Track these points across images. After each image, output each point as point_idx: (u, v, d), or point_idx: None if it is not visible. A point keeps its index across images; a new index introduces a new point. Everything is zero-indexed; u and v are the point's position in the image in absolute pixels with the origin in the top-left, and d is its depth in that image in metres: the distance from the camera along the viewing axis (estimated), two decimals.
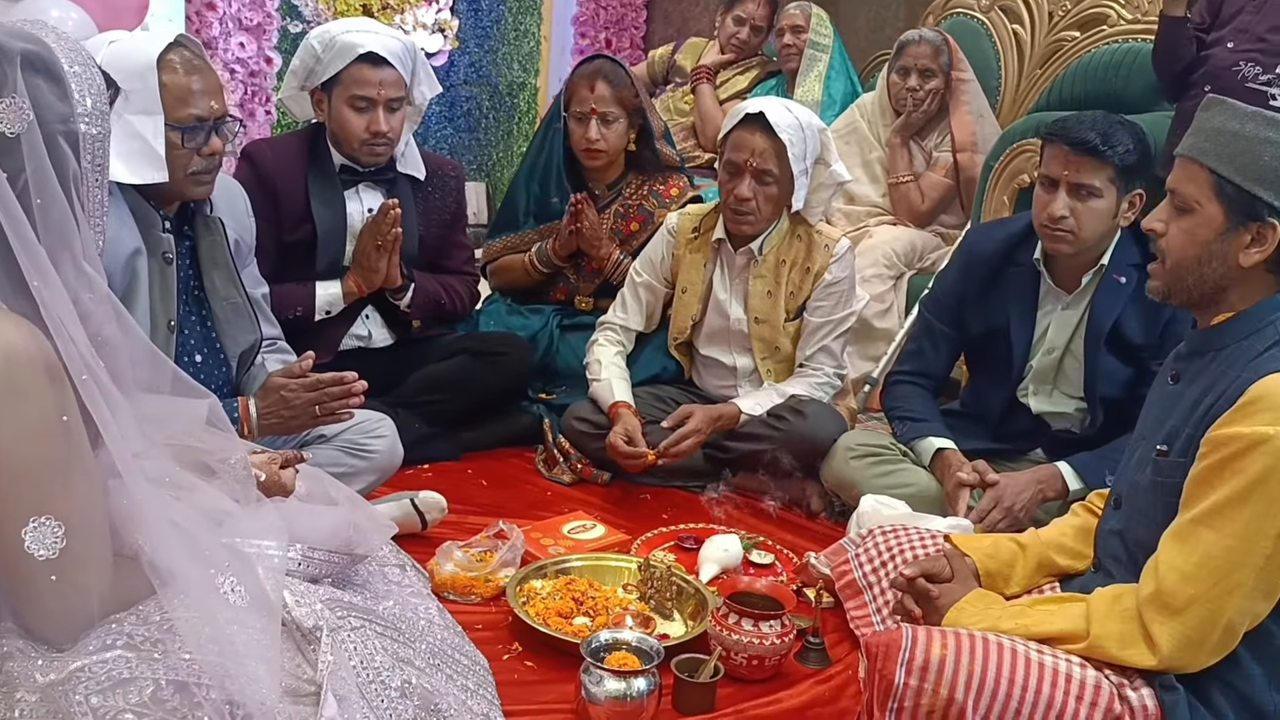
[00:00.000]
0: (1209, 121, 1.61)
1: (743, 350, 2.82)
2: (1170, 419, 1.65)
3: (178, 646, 1.21)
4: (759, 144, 2.61)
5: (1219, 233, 1.58)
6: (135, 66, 1.96)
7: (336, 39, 2.60)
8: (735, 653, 1.90)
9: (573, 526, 2.43)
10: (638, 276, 2.90)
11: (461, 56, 5.23)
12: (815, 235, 2.76)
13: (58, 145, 1.19)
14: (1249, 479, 1.46)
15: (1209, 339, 1.63)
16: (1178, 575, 1.51)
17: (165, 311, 2.10)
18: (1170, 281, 1.65)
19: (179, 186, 2.05)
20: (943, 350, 2.63)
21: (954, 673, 1.51)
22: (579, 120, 3.01)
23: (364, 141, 2.64)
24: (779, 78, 4.25)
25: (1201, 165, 1.59)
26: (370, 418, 2.38)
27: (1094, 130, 2.26)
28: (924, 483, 2.46)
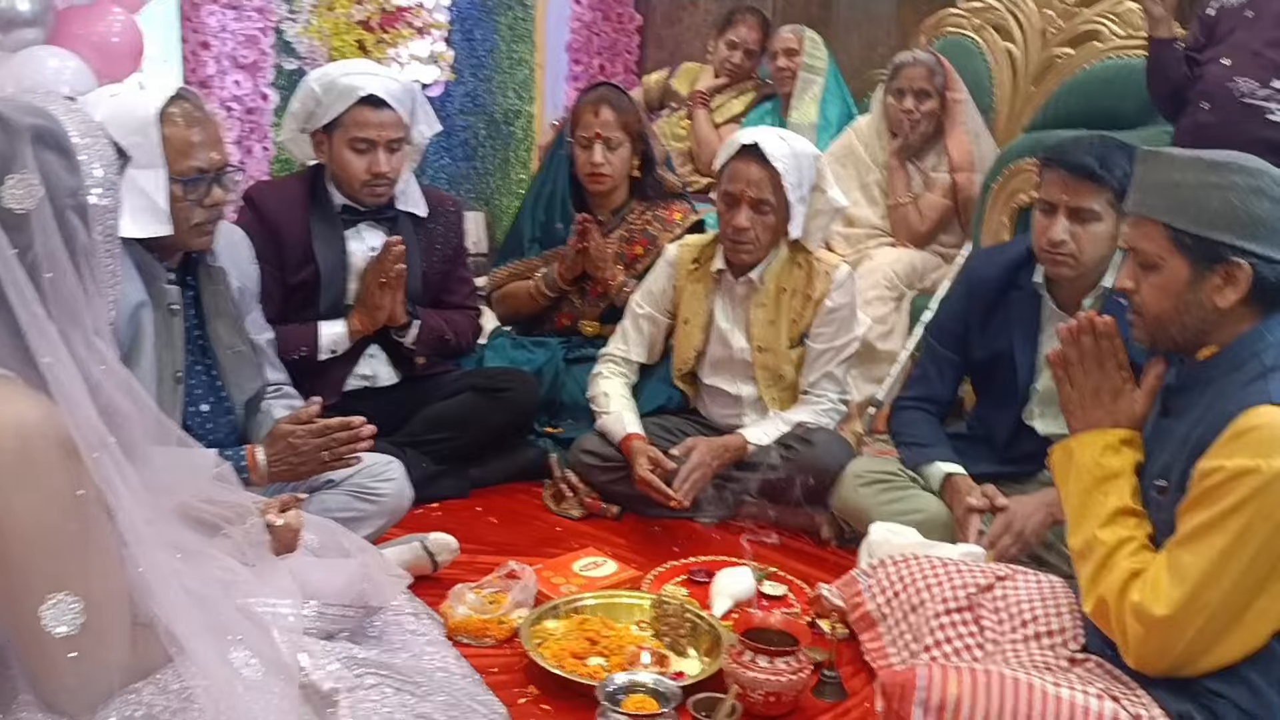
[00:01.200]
0: (1150, 176, 1.62)
1: (747, 379, 2.83)
2: (1164, 453, 1.67)
3: (195, 718, 1.20)
4: (754, 174, 2.62)
5: (1188, 283, 1.59)
6: (136, 121, 1.97)
7: (337, 82, 2.61)
8: (752, 690, 1.90)
9: (584, 564, 2.43)
10: (639, 308, 2.91)
11: (457, 87, 5.23)
12: (815, 262, 2.76)
13: (67, 218, 1.19)
14: (1226, 507, 1.48)
15: (1196, 373, 1.65)
16: (1157, 593, 1.54)
17: (172, 363, 2.11)
18: (1153, 333, 1.67)
19: (182, 238, 2.06)
20: (948, 375, 2.63)
21: (970, 711, 1.52)
22: (583, 146, 3.06)
23: (365, 183, 2.65)
24: (774, 100, 4.27)
25: (1155, 222, 1.61)
26: (378, 461, 2.38)
27: (1091, 154, 2.27)
28: (933, 509, 2.46)
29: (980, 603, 1.98)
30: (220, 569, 1.35)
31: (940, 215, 3.67)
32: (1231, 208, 1.54)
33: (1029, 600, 1.95)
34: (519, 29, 5.47)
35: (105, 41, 3.18)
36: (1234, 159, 1.58)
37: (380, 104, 2.62)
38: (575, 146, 3.09)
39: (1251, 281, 1.56)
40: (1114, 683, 1.66)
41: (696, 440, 2.70)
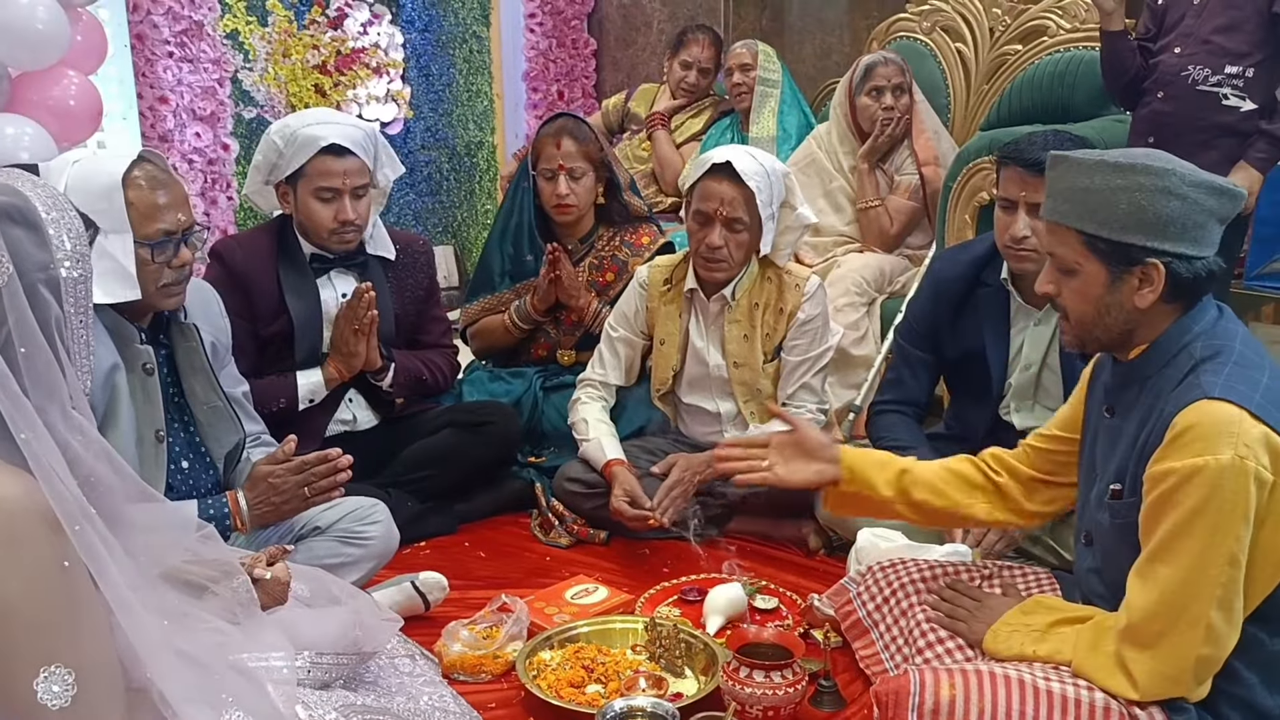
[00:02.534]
0: (1059, 182, 1.64)
1: (725, 395, 2.84)
2: (1115, 455, 1.69)
3: None
4: (727, 193, 2.63)
5: (1106, 286, 1.61)
6: (100, 188, 1.97)
7: (298, 133, 2.61)
8: (750, 705, 1.90)
9: (575, 591, 2.43)
10: (614, 331, 2.92)
11: (417, 123, 5.27)
12: (785, 276, 2.78)
13: (38, 294, 1.19)
14: (1189, 510, 1.49)
15: (1132, 372, 1.68)
16: (1142, 613, 1.54)
17: (152, 422, 2.10)
18: (1080, 335, 1.70)
19: (151, 300, 2.06)
20: (922, 376, 2.66)
21: (965, 713, 1.53)
22: (547, 178, 3.07)
23: (333, 231, 2.66)
24: (733, 116, 4.30)
25: (1068, 228, 1.63)
26: (363, 504, 2.38)
27: (1045, 150, 2.29)
28: None
29: None
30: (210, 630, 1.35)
31: (909, 217, 3.70)
32: (1140, 209, 1.55)
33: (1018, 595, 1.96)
34: (475, 61, 5.50)
35: (62, 105, 3.17)
36: (1139, 159, 1.58)
37: (343, 152, 2.62)
38: (539, 179, 3.10)
39: (1167, 280, 1.58)
40: None
41: (676, 457, 2.72)
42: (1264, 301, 3.42)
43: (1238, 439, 1.46)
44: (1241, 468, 1.45)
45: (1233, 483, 1.46)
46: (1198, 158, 2.92)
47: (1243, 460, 1.45)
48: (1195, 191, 1.55)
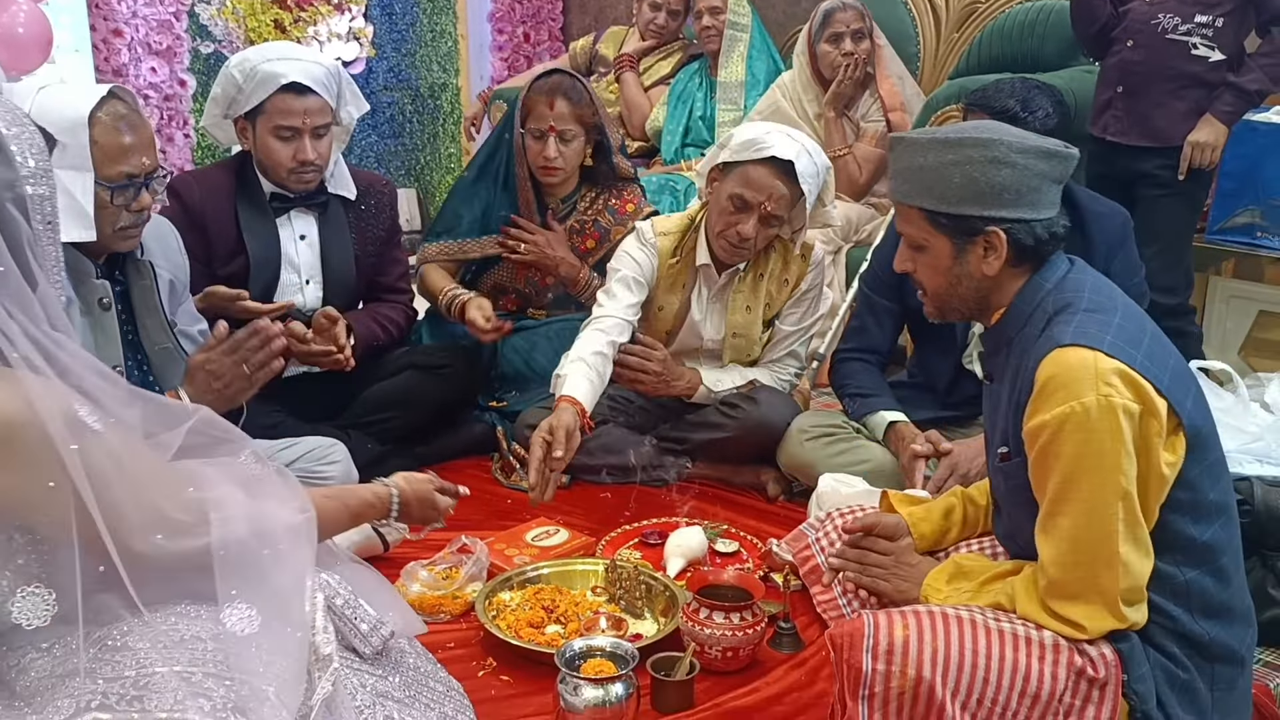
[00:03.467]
0: (898, 163, 1.70)
1: (713, 361, 2.81)
2: (999, 419, 1.73)
3: (155, 705, 1.19)
4: (779, 190, 2.51)
5: (954, 258, 1.67)
6: (65, 122, 1.90)
7: (258, 69, 2.53)
8: (709, 646, 1.91)
9: (536, 534, 2.43)
10: (626, 271, 2.69)
11: (380, 63, 5.17)
12: (789, 246, 2.72)
13: (7, 213, 1.17)
14: (1070, 458, 1.53)
15: (996, 336, 1.72)
16: (1057, 566, 1.57)
17: (108, 359, 2.05)
18: (940, 307, 1.76)
19: (106, 241, 2.00)
20: (886, 325, 2.65)
21: (919, 652, 1.54)
22: (536, 138, 2.92)
23: (291, 170, 2.59)
24: (702, 60, 4.25)
25: (911, 206, 1.68)
26: (321, 444, 2.35)
27: (1013, 98, 2.30)
28: (879, 458, 2.49)
29: None
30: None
31: (876, 164, 3.69)
32: (973, 181, 1.60)
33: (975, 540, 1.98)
34: (439, 1, 5.39)
35: (10, 33, 3.08)
36: (968, 133, 1.63)
37: (304, 90, 2.55)
38: (527, 136, 2.94)
39: (1010, 245, 1.63)
40: None
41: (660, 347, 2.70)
42: (1226, 256, 3.45)
43: (1096, 379, 1.50)
44: (1107, 405, 1.49)
45: (1103, 421, 1.50)
46: (1166, 108, 3.00)
47: (1106, 398, 1.49)
48: (1024, 158, 1.60)
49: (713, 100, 4.07)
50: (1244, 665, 1.65)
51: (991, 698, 1.54)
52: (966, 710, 1.54)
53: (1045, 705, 1.55)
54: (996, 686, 1.54)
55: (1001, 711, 1.55)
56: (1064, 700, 1.56)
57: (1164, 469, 1.53)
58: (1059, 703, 1.56)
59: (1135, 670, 1.55)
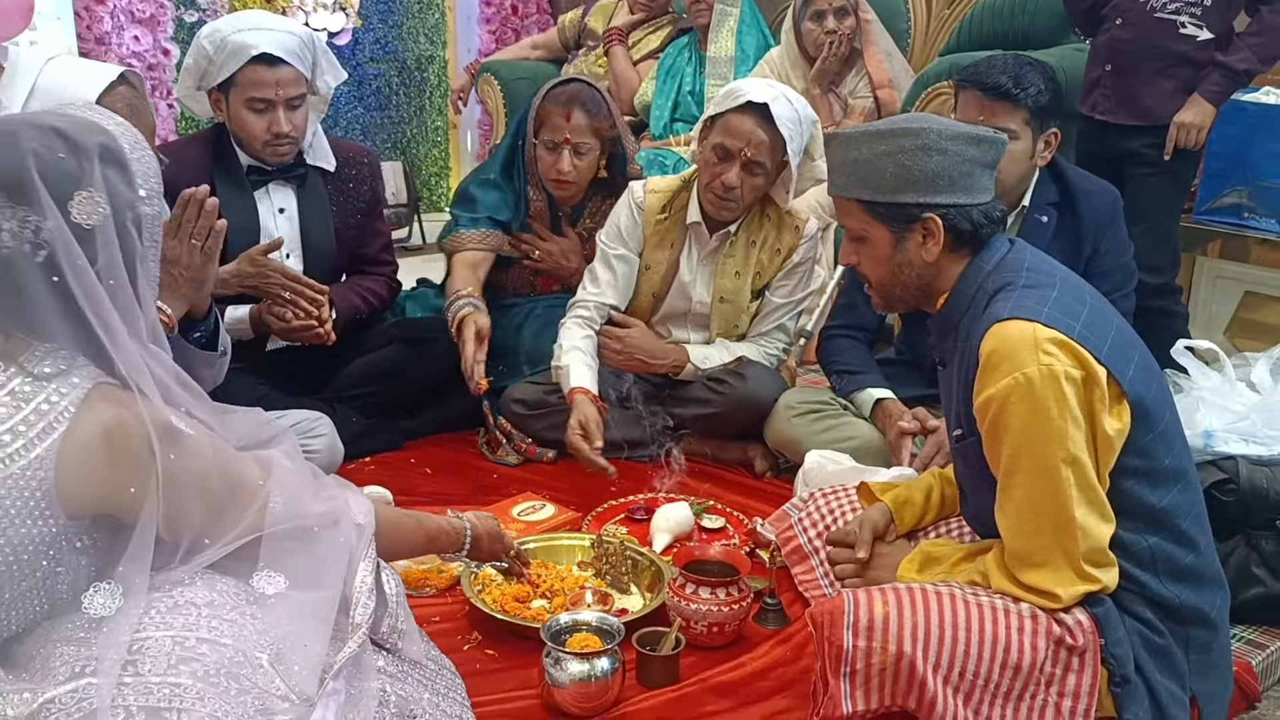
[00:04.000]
0: (834, 157, 1.74)
1: (700, 329, 2.80)
2: (951, 403, 1.75)
3: (148, 669, 1.19)
4: (758, 135, 2.51)
5: (893, 246, 1.70)
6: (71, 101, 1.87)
7: (228, 40, 2.48)
8: (695, 621, 1.91)
9: (522, 508, 2.42)
10: (610, 249, 2.74)
11: (366, 34, 5.12)
12: (785, 216, 2.70)
13: (127, 231, 1.26)
14: (1018, 430, 1.55)
15: (943, 321, 1.74)
16: (1018, 538, 1.59)
17: None
18: (885, 297, 1.79)
19: None
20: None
21: (899, 627, 1.55)
22: (550, 149, 2.82)
23: (266, 143, 2.56)
24: (691, 34, 4.21)
25: (849, 199, 1.71)
26: (306, 417, 2.35)
27: (1005, 74, 2.28)
28: (866, 435, 2.49)
29: None
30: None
31: None
32: (905, 169, 1.64)
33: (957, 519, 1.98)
34: None
35: None
36: (898, 124, 1.68)
37: (275, 61, 2.50)
38: (540, 146, 2.84)
39: (947, 230, 1.66)
40: None
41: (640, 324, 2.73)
42: (1213, 236, 3.45)
43: (1036, 349, 1.53)
44: (1049, 373, 1.52)
45: (1046, 389, 1.52)
46: (1154, 86, 2.99)
47: (1048, 366, 1.52)
48: (954, 144, 1.64)
49: (702, 75, 4.04)
50: (1217, 629, 1.67)
51: (973, 670, 1.55)
52: (949, 684, 1.55)
53: (1027, 675, 1.57)
54: (978, 659, 1.55)
55: (984, 684, 1.56)
56: (1045, 669, 1.57)
57: (1110, 434, 1.54)
58: (1040, 672, 1.57)
59: (1112, 634, 1.57)
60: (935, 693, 1.53)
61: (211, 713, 1.19)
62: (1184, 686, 1.62)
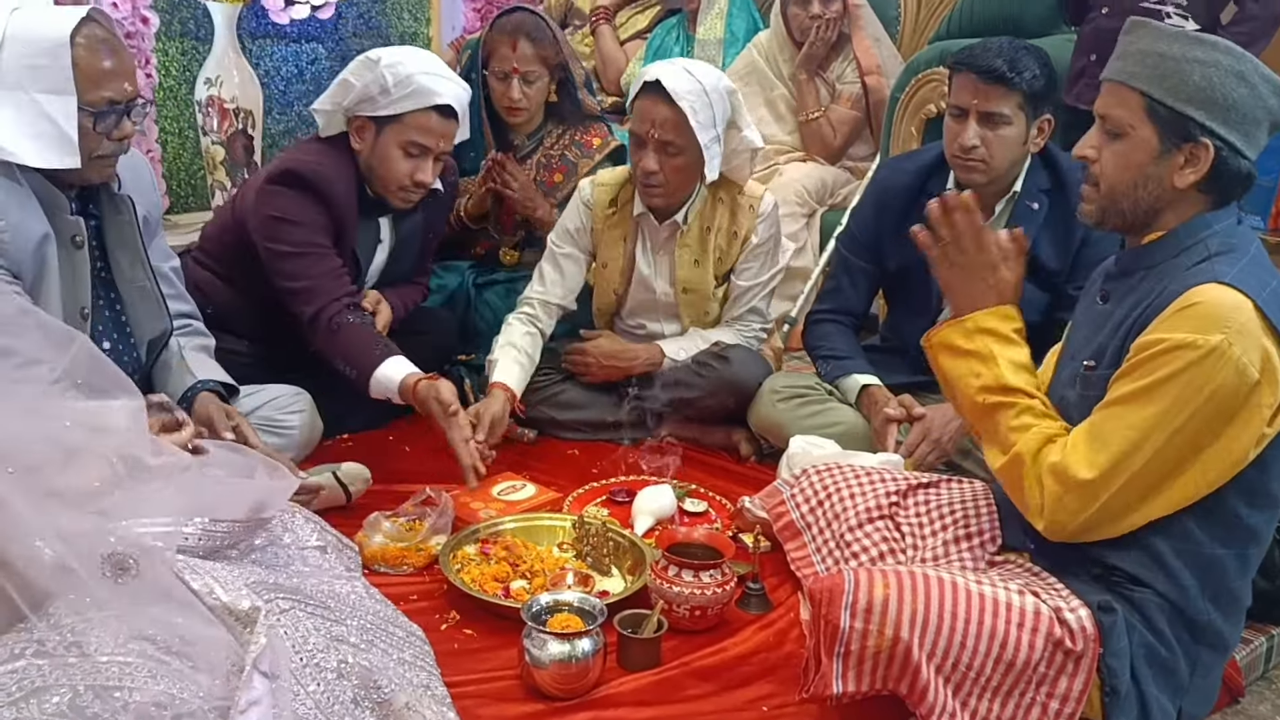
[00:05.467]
0: (1135, 44, 1.60)
1: (671, 318, 2.77)
2: (1097, 336, 1.67)
3: (94, 649, 1.14)
4: (660, 114, 2.46)
5: (1153, 156, 1.58)
6: (46, 42, 1.84)
7: (414, 78, 2.37)
8: (677, 605, 1.88)
9: (502, 488, 2.39)
10: (558, 248, 2.73)
11: (349, 8, 5.03)
12: (739, 196, 2.66)
13: None
14: (1160, 377, 1.50)
15: (1139, 257, 1.65)
16: (1078, 455, 1.55)
17: (77, 298, 2.00)
18: (1105, 206, 1.65)
19: (84, 171, 1.93)
20: (861, 286, 2.63)
21: (898, 612, 1.52)
22: (500, 79, 2.91)
23: (402, 187, 2.46)
24: (680, 16, 4.16)
25: (1132, 89, 1.59)
26: (285, 393, 2.31)
27: (1000, 58, 2.26)
28: (851, 420, 2.47)
29: (901, 509, 2.00)
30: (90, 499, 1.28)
31: (851, 127, 3.65)
32: (1211, 85, 1.53)
33: (949, 505, 1.97)
34: None
35: None
36: (1221, 42, 1.56)
37: (451, 115, 2.43)
38: (490, 77, 2.93)
39: (1212, 165, 1.56)
40: (1032, 579, 1.69)
41: (605, 334, 2.71)
42: None
43: (1232, 328, 1.47)
44: (1226, 354, 1.47)
45: (1211, 366, 1.47)
46: None
47: (1229, 347, 1.47)
48: (1265, 85, 1.54)
49: (690, 57, 4.00)
50: (1226, 655, 1.66)
51: (967, 663, 1.53)
52: (940, 673, 1.53)
53: (1019, 673, 1.55)
54: (973, 652, 1.53)
55: (975, 677, 1.54)
56: (1038, 670, 1.55)
57: (1248, 445, 1.50)
58: (1033, 671, 1.55)
59: (1113, 645, 1.55)
60: (927, 681, 1.51)
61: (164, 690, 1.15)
62: (1176, 703, 1.61)
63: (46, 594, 1.15)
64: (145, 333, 2.11)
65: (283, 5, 4.28)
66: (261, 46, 4.58)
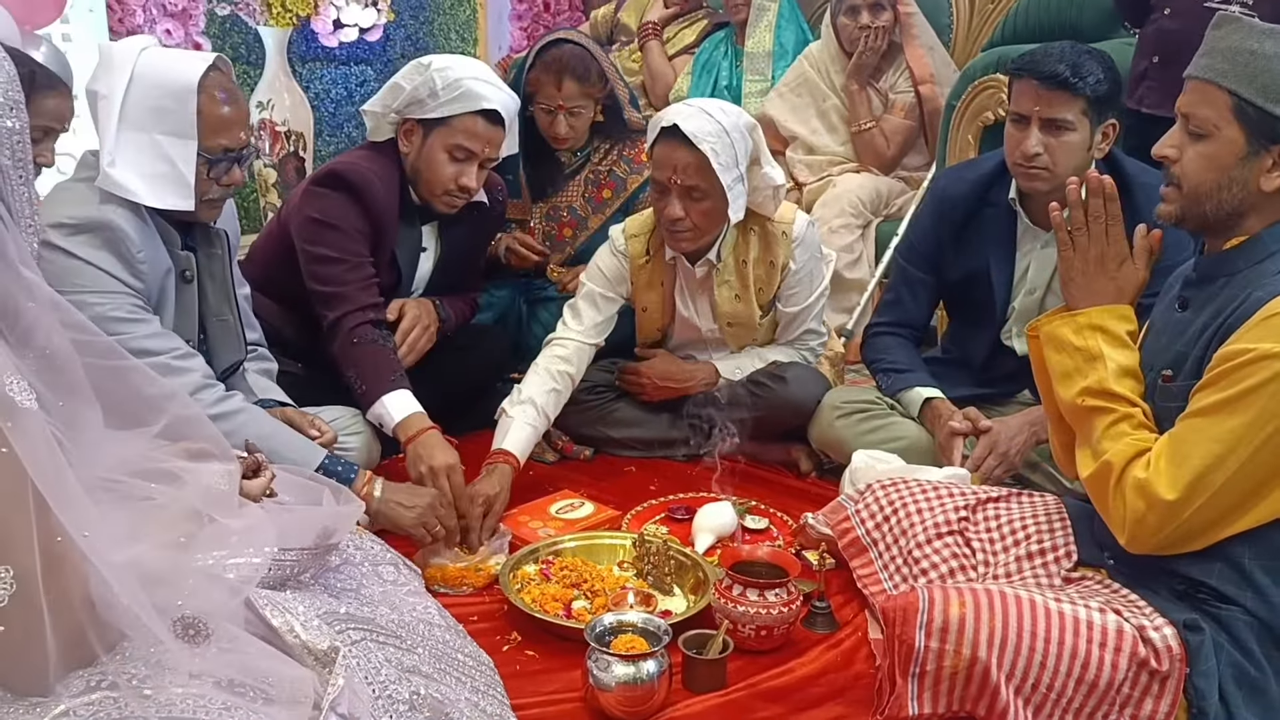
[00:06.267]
0: (1223, 41, 1.54)
1: (721, 348, 2.74)
2: (1176, 344, 1.61)
3: (169, 681, 1.12)
4: (681, 159, 2.37)
5: (1239, 157, 1.52)
6: (174, 86, 1.88)
7: (462, 81, 2.38)
8: (743, 624, 1.85)
9: (560, 506, 2.36)
10: (595, 287, 2.63)
11: (397, 30, 5.07)
12: (769, 224, 2.58)
13: None
14: (1244, 389, 1.44)
15: (1221, 264, 1.59)
16: (1160, 472, 1.50)
17: (185, 330, 2.03)
18: (1187, 208, 1.59)
19: (193, 212, 1.97)
20: (922, 298, 2.58)
21: (975, 631, 1.48)
22: (546, 113, 2.89)
23: (448, 191, 2.46)
24: (728, 29, 4.15)
25: (1219, 87, 1.52)
26: (343, 414, 2.31)
27: (1063, 62, 2.21)
28: (914, 435, 2.41)
29: (970, 524, 1.94)
30: (169, 527, 1.26)
31: (905, 137, 3.61)
32: None
33: (1020, 519, 1.91)
34: None
35: None
36: None
37: (497, 120, 2.43)
38: (536, 110, 2.89)
39: None
40: (1112, 595, 1.63)
41: (660, 354, 2.67)
42: None
43: None
44: None
45: None
46: None
47: None
48: None
49: (739, 70, 3.98)
50: None
51: (1047, 684, 1.48)
52: (1020, 694, 1.49)
53: (1102, 695, 1.49)
54: (1054, 672, 1.48)
55: (1056, 698, 1.49)
56: (1122, 691, 1.50)
57: None
58: (1116, 693, 1.50)
59: (1200, 665, 1.49)
60: (1007, 702, 1.46)
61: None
62: None
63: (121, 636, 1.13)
64: (222, 363, 2.12)
65: (332, 29, 4.33)
66: (311, 70, 4.63)
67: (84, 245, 1.87)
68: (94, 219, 1.88)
